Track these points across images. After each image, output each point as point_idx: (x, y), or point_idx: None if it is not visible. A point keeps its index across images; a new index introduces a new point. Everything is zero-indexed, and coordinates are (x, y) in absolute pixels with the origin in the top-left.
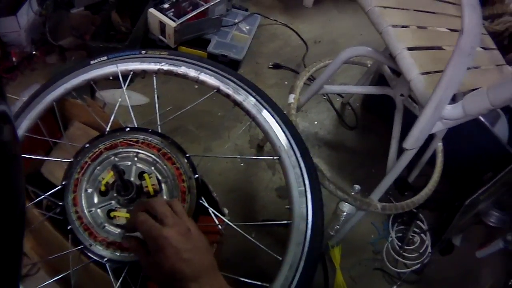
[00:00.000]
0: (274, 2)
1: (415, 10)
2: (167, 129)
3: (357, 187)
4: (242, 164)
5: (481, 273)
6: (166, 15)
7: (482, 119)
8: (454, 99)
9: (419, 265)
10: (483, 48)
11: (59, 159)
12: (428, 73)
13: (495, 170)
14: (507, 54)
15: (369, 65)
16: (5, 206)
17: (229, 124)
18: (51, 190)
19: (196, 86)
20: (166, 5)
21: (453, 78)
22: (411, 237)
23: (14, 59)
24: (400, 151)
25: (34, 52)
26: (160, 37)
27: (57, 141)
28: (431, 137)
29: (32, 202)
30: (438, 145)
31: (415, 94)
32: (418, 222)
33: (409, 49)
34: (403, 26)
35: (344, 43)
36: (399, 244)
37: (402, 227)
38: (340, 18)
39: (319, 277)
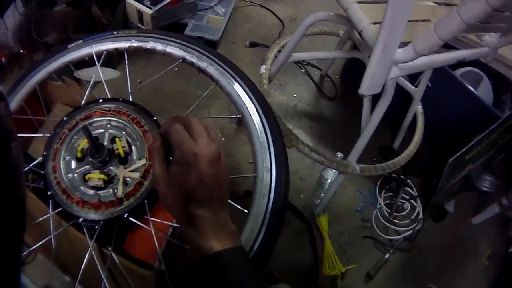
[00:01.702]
0: None
1: None
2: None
3: (339, 154)
4: (223, 139)
5: (477, 240)
6: (143, 3)
7: (464, 82)
8: None
9: (411, 231)
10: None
11: (41, 135)
12: (379, 23)
13: (481, 132)
14: None
15: (341, 35)
16: (7, 181)
17: (208, 102)
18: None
19: (176, 69)
20: None
21: (395, 20)
22: (400, 203)
23: (3, 59)
24: (373, 108)
25: (21, 51)
26: (139, 25)
27: (42, 118)
28: (409, 100)
29: None
30: (418, 107)
31: (366, 42)
32: (407, 188)
33: (359, 2)
34: None
35: None
36: (388, 210)
37: (391, 193)
38: None
39: (308, 249)
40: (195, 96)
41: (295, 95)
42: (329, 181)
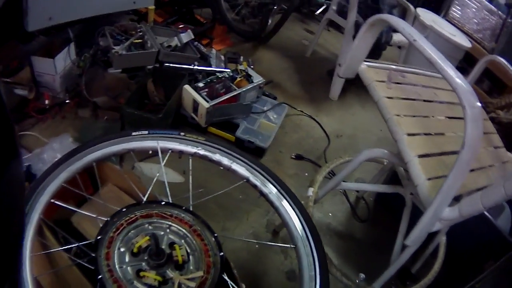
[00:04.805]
0: (301, 92)
1: (423, 117)
2: (185, 202)
3: (362, 275)
4: (256, 246)
5: None
6: (200, 94)
7: (485, 212)
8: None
9: None
10: (494, 147)
11: (93, 215)
12: (433, 178)
13: (496, 259)
14: None
15: (385, 163)
16: None
17: (248, 208)
18: (84, 240)
19: (222, 168)
20: (201, 84)
21: (452, 186)
22: None
23: (46, 101)
24: (404, 246)
25: (67, 101)
26: (192, 114)
27: (91, 197)
28: (435, 231)
29: (64, 248)
30: (442, 238)
31: (420, 197)
32: None
33: (420, 156)
34: (415, 134)
35: (364, 138)
36: None
37: None
38: (362, 113)
39: None
40: (237, 199)
41: (330, 214)
42: None
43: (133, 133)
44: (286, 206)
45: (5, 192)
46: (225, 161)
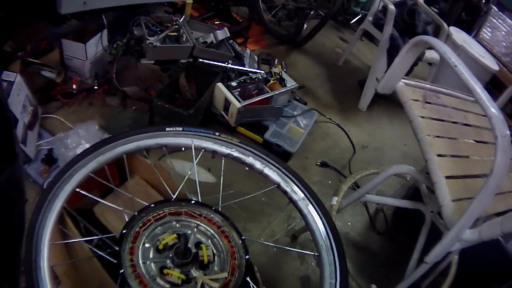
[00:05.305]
0: (331, 100)
1: (453, 139)
2: (214, 202)
3: (374, 286)
4: (274, 249)
5: None
6: (233, 94)
7: (501, 240)
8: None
9: None
10: None
11: (119, 208)
12: (457, 200)
13: (502, 282)
14: None
15: (408, 178)
16: None
17: (270, 211)
18: (106, 232)
19: (247, 168)
20: (234, 83)
21: (477, 210)
22: None
23: (74, 86)
24: (419, 260)
25: (95, 87)
26: (223, 112)
27: (118, 189)
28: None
29: (85, 239)
30: (455, 257)
31: (443, 218)
32: None
33: (447, 177)
34: (444, 156)
35: (388, 151)
36: None
37: None
38: (389, 126)
39: None
40: (260, 202)
41: (349, 223)
42: None
43: (167, 129)
44: (313, 214)
45: (4, 194)
46: (258, 164)
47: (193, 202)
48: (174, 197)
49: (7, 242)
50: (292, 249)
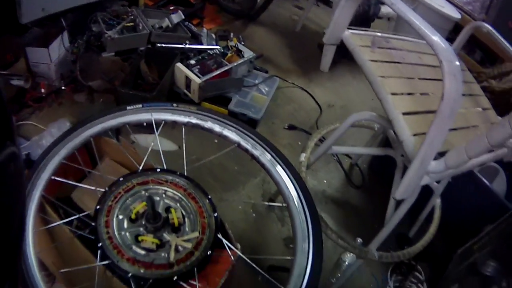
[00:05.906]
0: (292, 66)
1: (408, 78)
2: (179, 169)
3: (359, 240)
4: (254, 215)
5: None
6: (192, 71)
7: (482, 178)
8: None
9: None
10: (482, 108)
11: (92, 187)
12: (419, 134)
13: (492, 222)
14: None
15: (376, 129)
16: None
17: (244, 179)
18: (84, 212)
19: (216, 141)
20: (192, 61)
21: (435, 137)
22: (408, 287)
23: (42, 90)
24: (398, 204)
25: (63, 88)
26: (185, 91)
27: (91, 171)
28: (430, 194)
29: (64, 221)
30: (437, 201)
31: (406, 152)
32: (416, 273)
33: (404, 113)
34: (399, 94)
35: (355, 107)
36: None
37: (400, 277)
38: (353, 83)
39: None
40: (233, 171)
41: (325, 181)
42: (346, 263)
43: (128, 107)
44: (277, 168)
45: (3, 190)
46: (217, 128)
47: (158, 170)
48: (140, 168)
49: (7, 240)
50: (267, 203)
